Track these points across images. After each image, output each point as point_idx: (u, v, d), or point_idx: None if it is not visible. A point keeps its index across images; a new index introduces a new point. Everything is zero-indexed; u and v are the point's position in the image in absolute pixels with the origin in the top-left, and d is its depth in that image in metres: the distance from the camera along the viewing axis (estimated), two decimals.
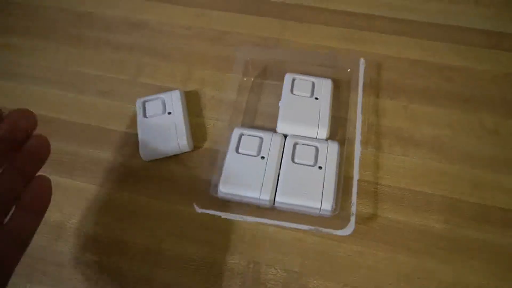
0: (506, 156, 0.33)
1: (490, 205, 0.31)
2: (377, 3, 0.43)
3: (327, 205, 0.29)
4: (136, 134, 0.35)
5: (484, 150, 0.33)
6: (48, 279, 0.30)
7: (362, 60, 0.35)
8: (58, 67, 0.42)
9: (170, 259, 0.30)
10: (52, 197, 0.32)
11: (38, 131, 0.35)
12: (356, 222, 0.30)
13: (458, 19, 0.41)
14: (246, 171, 0.31)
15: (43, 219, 0.31)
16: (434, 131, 0.35)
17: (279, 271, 0.29)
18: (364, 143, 0.34)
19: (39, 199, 0.24)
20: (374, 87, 0.37)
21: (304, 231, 0.30)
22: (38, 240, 0.31)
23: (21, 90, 0.40)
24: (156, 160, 0.35)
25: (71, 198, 0.34)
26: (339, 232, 0.27)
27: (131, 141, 0.36)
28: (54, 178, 0.33)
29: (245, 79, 0.38)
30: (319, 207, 0.29)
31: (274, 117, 0.35)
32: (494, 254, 0.29)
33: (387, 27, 0.41)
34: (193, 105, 0.38)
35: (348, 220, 0.28)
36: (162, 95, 0.36)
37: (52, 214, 0.33)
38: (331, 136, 0.34)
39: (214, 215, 0.31)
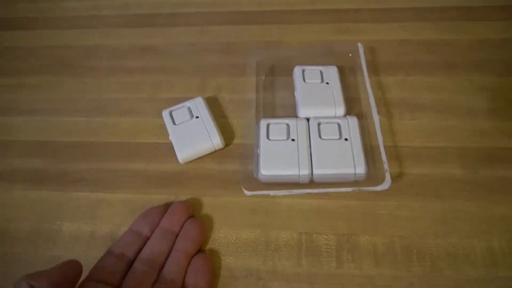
0: (499, 107, 0.38)
1: (494, 146, 0.35)
2: None
3: (360, 169, 0.33)
4: (166, 143, 0.38)
5: (479, 104, 0.38)
6: None
7: (359, 45, 0.40)
8: (77, 97, 0.44)
9: (228, 244, 0.32)
10: (99, 211, 0.34)
11: (72, 155, 0.38)
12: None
13: (430, 1, 0.47)
14: (281, 154, 0.34)
15: (93, 232, 0.33)
16: (433, 95, 0.39)
17: (329, 236, 0.32)
18: (377, 114, 0.38)
19: (205, 278, 0.29)
20: (373, 68, 0.42)
21: (346, 198, 0.33)
22: (90, 253, 0.33)
23: (43, 122, 0.42)
24: (191, 161, 0.37)
25: (118, 209, 0.35)
26: (379, 188, 0.31)
27: (162, 149, 0.38)
28: (98, 195, 0.35)
29: (256, 79, 0.42)
30: (353, 172, 0.33)
31: (290, 107, 0.39)
32: (509, 187, 0.33)
33: (372, 17, 0.47)
34: (214, 108, 0.41)
35: (383, 179, 0.32)
36: (186, 103, 0.39)
37: (103, 227, 0.34)
38: (347, 113, 0.38)
39: (261, 201, 0.34)
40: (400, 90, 0.40)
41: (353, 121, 0.36)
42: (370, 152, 0.34)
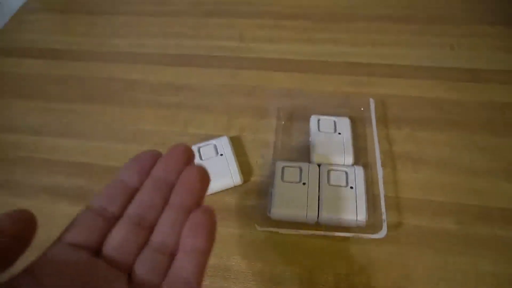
0: (497, 166, 0.41)
1: (491, 206, 0.38)
2: (373, 54, 0.53)
3: (361, 217, 0.37)
4: None
5: (478, 163, 0.41)
6: None
7: (371, 100, 0.44)
8: (118, 126, 0.50)
9: (238, 273, 0.37)
10: None
11: (109, 176, 0.43)
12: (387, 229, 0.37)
13: (440, 61, 0.51)
14: (293, 195, 0.39)
15: None
16: (436, 151, 0.43)
17: (329, 275, 0.36)
18: (382, 165, 0.42)
19: (204, 236, 0.22)
20: (382, 121, 0.46)
21: (346, 241, 0.37)
22: None
23: (87, 146, 0.49)
24: (212, 194, 0.42)
25: None
26: (376, 236, 0.34)
27: None
28: None
29: (276, 122, 0.47)
30: (355, 218, 0.37)
31: (304, 152, 0.43)
32: (500, 245, 0.36)
33: (385, 72, 0.51)
34: (237, 147, 0.46)
35: (381, 227, 0.35)
36: (213, 141, 0.45)
37: None
38: (355, 163, 0.42)
39: (270, 236, 0.38)
40: (406, 144, 0.44)
41: (359, 171, 0.40)
42: (372, 201, 0.38)
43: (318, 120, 0.45)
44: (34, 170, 0.47)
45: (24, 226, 0.19)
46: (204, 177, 0.24)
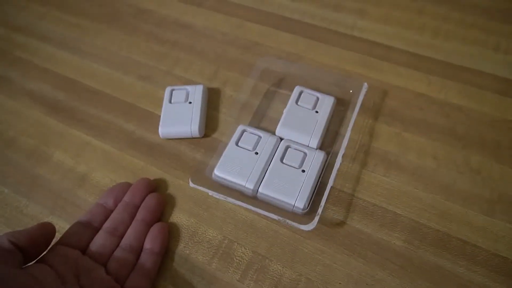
0: (481, 195, 0.35)
1: (452, 235, 0.33)
2: (398, 36, 0.47)
3: (300, 203, 0.33)
4: (159, 115, 0.42)
5: (462, 186, 0.35)
6: (67, 216, 0.37)
7: (365, 84, 0.39)
8: (112, 50, 0.50)
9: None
10: (84, 152, 0.40)
11: (87, 98, 0.43)
12: (324, 225, 0.34)
13: (472, 61, 0.43)
14: (240, 162, 0.36)
15: (73, 167, 0.39)
16: (419, 160, 0.37)
17: (247, 250, 0.34)
18: (352, 158, 0.38)
19: (158, 243, 0.33)
20: (374, 111, 0.41)
21: (278, 223, 0.35)
22: (65, 183, 0.39)
23: (79, 62, 0.49)
24: (170, 139, 0.41)
25: (98, 156, 0.41)
26: (302, 227, 0.31)
27: (155, 120, 0.42)
28: (88, 139, 0.41)
29: (261, 85, 0.43)
30: (293, 203, 0.34)
31: (277, 122, 0.40)
32: (442, 279, 0.31)
33: (402, 59, 0.44)
34: (213, 100, 0.43)
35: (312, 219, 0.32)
36: (188, 87, 0.43)
37: (79, 166, 0.40)
38: (324, 147, 0.38)
39: (204, 195, 0.36)
40: (388, 142, 0.39)
41: (319, 155, 0.36)
42: (319, 191, 0.35)
43: (301, 92, 0.41)
44: (27, 73, 0.49)
45: (44, 238, 0.30)
46: (160, 202, 0.36)
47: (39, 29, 0.54)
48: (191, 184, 0.35)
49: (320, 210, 0.32)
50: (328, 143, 0.39)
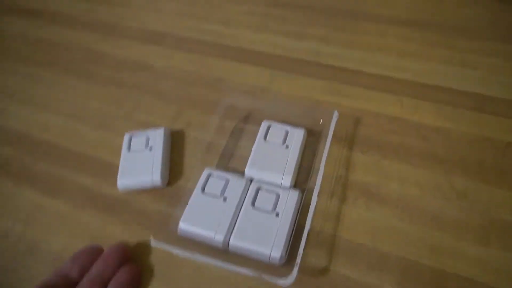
0: (472, 222, 0.32)
1: (449, 272, 0.30)
2: (364, 60, 0.45)
3: (276, 253, 0.30)
4: (118, 165, 0.38)
5: (450, 213, 0.33)
6: None
7: (335, 112, 0.37)
8: (68, 99, 0.47)
9: None
10: (34, 215, 0.36)
11: (39, 153, 0.39)
12: (306, 274, 0.30)
13: (442, 79, 0.42)
14: (207, 211, 0.33)
15: (21, 234, 0.34)
16: (401, 189, 0.34)
17: None
18: (330, 194, 0.35)
19: None
20: (348, 140, 0.38)
21: (252, 280, 0.31)
22: (13, 254, 0.34)
23: (31, 115, 0.45)
24: (131, 191, 0.37)
25: (51, 219, 0.36)
26: (279, 282, 0.28)
27: (114, 171, 0.38)
28: (39, 199, 0.36)
29: (227, 123, 0.41)
30: (269, 253, 0.30)
31: (246, 160, 0.37)
32: None
33: (371, 83, 0.43)
34: (177, 143, 0.40)
35: (291, 271, 0.28)
36: (148, 132, 0.39)
37: (29, 232, 0.35)
38: (298, 184, 0.35)
39: (166, 251, 0.32)
40: (367, 172, 0.36)
41: (293, 196, 0.33)
42: (299, 235, 0.31)
43: (269, 127, 0.38)
44: None
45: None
46: (136, 278, 0.31)
47: None
48: (153, 243, 0.31)
49: (298, 260, 0.28)
50: (302, 179, 0.36)
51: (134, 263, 0.32)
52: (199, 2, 0.57)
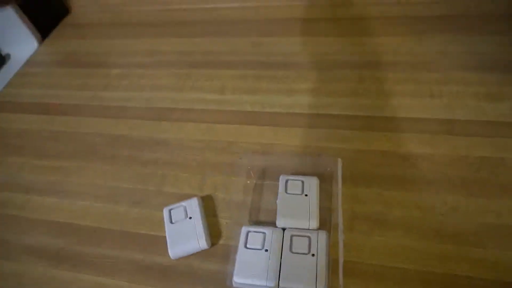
0: (467, 230, 0.40)
1: (458, 275, 0.37)
2: (349, 105, 0.53)
3: (320, 287, 0.36)
4: (163, 236, 0.44)
5: (448, 226, 0.40)
6: None
7: (339, 160, 0.44)
8: (98, 183, 0.52)
9: None
10: None
11: (87, 239, 0.44)
12: None
13: (416, 111, 0.51)
14: (254, 263, 0.39)
15: None
16: (404, 212, 0.42)
17: None
18: (349, 228, 0.42)
19: None
20: (352, 179, 0.46)
21: None
22: None
23: (69, 205, 0.51)
24: (181, 258, 0.43)
25: None
26: None
27: (159, 242, 0.44)
28: (99, 280, 0.42)
29: (248, 182, 0.47)
30: None
31: (273, 212, 0.43)
32: None
33: (358, 124, 0.51)
34: (208, 207, 0.46)
35: None
36: (184, 203, 0.46)
37: None
38: (322, 225, 0.42)
39: None
40: (374, 204, 0.43)
41: (322, 236, 0.40)
42: (333, 268, 0.38)
43: (286, 181, 0.45)
44: (20, 229, 0.49)
45: None
46: None
47: (20, 181, 0.55)
48: None
49: None
50: (323, 220, 0.42)
51: None
52: (193, 73, 0.64)
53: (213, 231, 0.44)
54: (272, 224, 0.42)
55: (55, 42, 0.80)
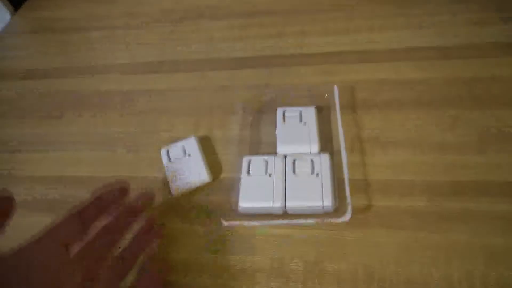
0: (468, 139, 0.40)
1: (463, 180, 0.37)
2: (341, 42, 0.53)
3: (327, 202, 0.36)
4: (163, 177, 0.43)
5: (450, 138, 0.40)
6: None
7: (335, 86, 0.44)
8: (89, 131, 0.51)
9: (208, 269, 0.36)
10: None
11: (82, 187, 0.43)
12: (354, 213, 0.36)
13: (409, 41, 0.51)
14: (259, 187, 0.38)
15: None
16: (406, 132, 0.42)
17: (298, 262, 0.35)
18: (350, 150, 0.41)
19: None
20: (351, 107, 0.45)
21: (314, 228, 0.36)
22: None
23: (58, 157, 0.49)
24: (184, 194, 0.42)
25: None
26: (340, 220, 0.34)
27: (159, 183, 0.43)
28: None
29: (245, 119, 0.46)
30: (321, 205, 0.36)
31: (272, 144, 0.42)
32: (475, 218, 0.35)
33: (353, 58, 0.50)
34: (206, 146, 0.45)
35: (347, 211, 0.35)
36: (181, 142, 0.45)
37: None
38: (323, 150, 0.41)
39: (238, 231, 0.38)
40: (375, 127, 0.43)
41: (325, 157, 0.39)
42: (339, 186, 0.37)
43: (284, 112, 0.44)
44: (12, 186, 0.47)
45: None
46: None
47: (4, 137, 0.53)
48: (225, 223, 0.36)
49: (349, 199, 0.35)
50: (325, 145, 0.42)
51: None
52: (178, 29, 0.63)
53: (214, 167, 0.43)
54: (273, 153, 0.42)
55: (28, 13, 0.76)
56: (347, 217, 0.34)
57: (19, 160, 0.50)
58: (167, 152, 0.44)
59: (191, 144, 0.44)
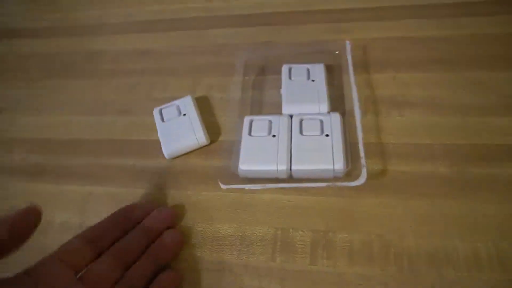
0: (485, 102, 0.36)
1: (485, 144, 0.33)
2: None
3: (339, 165, 0.32)
4: (156, 140, 0.39)
5: (470, 99, 0.36)
6: None
7: (348, 42, 0.40)
8: (78, 97, 0.46)
9: (204, 238, 0.33)
10: (88, 205, 0.36)
11: (71, 151, 0.40)
12: (369, 178, 0.32)
13: None
14: (261, 149, 0.34)
15: (82, 223, 0.34)
16: (424, 92, 0.38)
17: (305, 232, 0.31)
18: (363, 112, 0.37)
19: None
20: (363, 66, 0.41)
21: (323, 194, 0.33)
22: None
23: (46, 120, 0.45)
24: (178, 157, 0.38)
25: (105, 203, 0.36)
26: (354, 183, 0.30)
27: (152, 146, 0.39)
28: (88, 189, 0.37)
29: (246, 78, 0.42)
30: (332, 168, 0.32)
31: (277, 105, 0.38)
32: (499, 185, 0.31)
33: (366, 16, 0.46)
34: (204, 107, 0.41)
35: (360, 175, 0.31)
36: (176, 102, 0.40)
37: (88, 220, 0.35)
38: (332, 110, 0.37)
39: (239, 196, 0.34)
40: (390, 87, 0.39)
41: (335, 117, 0.35)
42: (350, 148, 0.34)
43: (290, 69, 0.40)
44: None
45: (27, 227, 0.25)
46: (179, 242, 0.32)
47: None
48: (224, 187, 0.32)
49: (363, 161, 0.31)
50: (335, 106, 0.38)
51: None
52: None
53: (212, 129, 0.39)
54: (278, 114, 0.38)
55: None
56: (361, 180, 0.30)
57: (3, 122, 0.46)
58: (160, 111, 0.40)
59: (187, 104, 0.40)
